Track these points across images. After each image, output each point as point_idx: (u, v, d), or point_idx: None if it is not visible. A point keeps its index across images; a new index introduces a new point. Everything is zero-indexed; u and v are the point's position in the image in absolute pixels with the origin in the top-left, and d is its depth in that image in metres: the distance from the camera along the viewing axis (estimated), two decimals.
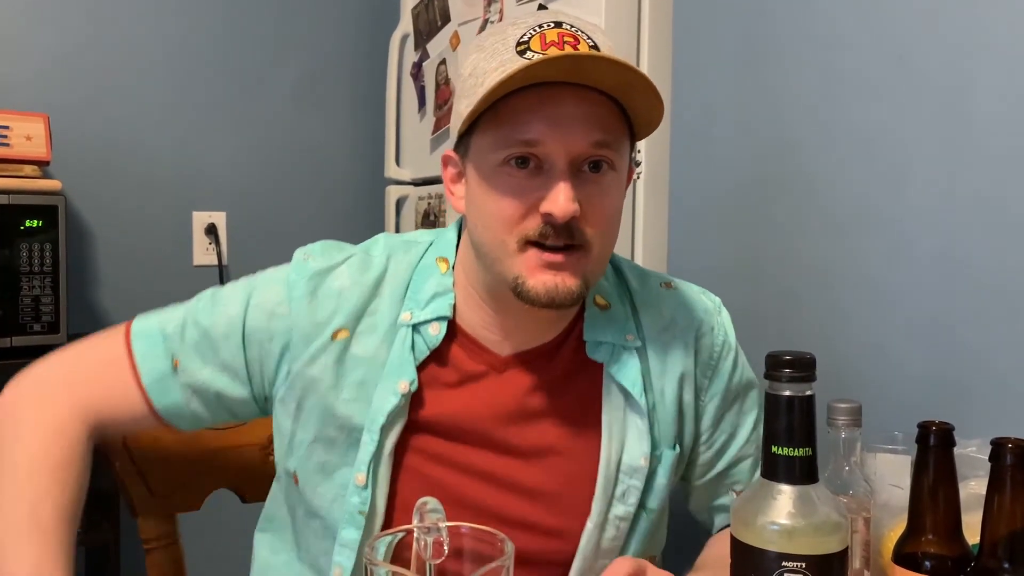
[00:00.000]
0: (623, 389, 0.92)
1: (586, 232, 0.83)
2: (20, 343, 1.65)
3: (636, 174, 1.62)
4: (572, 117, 0.81)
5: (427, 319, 0.90)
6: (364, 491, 0.88)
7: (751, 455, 1.01)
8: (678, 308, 0.98)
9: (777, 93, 1.46)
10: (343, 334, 0.90)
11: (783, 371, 0.66)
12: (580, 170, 0.83)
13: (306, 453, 0.92)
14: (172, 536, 1.14)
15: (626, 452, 0.91)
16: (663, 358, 0.94)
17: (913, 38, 1.25)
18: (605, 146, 0.83)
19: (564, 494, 0.92)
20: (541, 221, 0.82)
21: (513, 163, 0.82)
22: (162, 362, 0.93)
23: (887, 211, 1.29)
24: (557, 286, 0.83)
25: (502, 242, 0.84)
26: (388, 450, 0.88)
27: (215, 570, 1.33)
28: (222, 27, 2.22)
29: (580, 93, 0.81)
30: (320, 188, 2.38)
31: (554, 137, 0.81)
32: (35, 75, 1.99)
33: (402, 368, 0.88)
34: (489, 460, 0.91)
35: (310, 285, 0.91)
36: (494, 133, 0.83)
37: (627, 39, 1.62)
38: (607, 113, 0.83)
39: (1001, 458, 0.69)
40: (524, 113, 0.81)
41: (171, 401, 0.93)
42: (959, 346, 1.20)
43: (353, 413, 0.89)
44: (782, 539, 0.65)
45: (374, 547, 0.65)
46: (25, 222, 1.65)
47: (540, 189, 0.82)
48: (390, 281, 0.92)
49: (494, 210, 0.83)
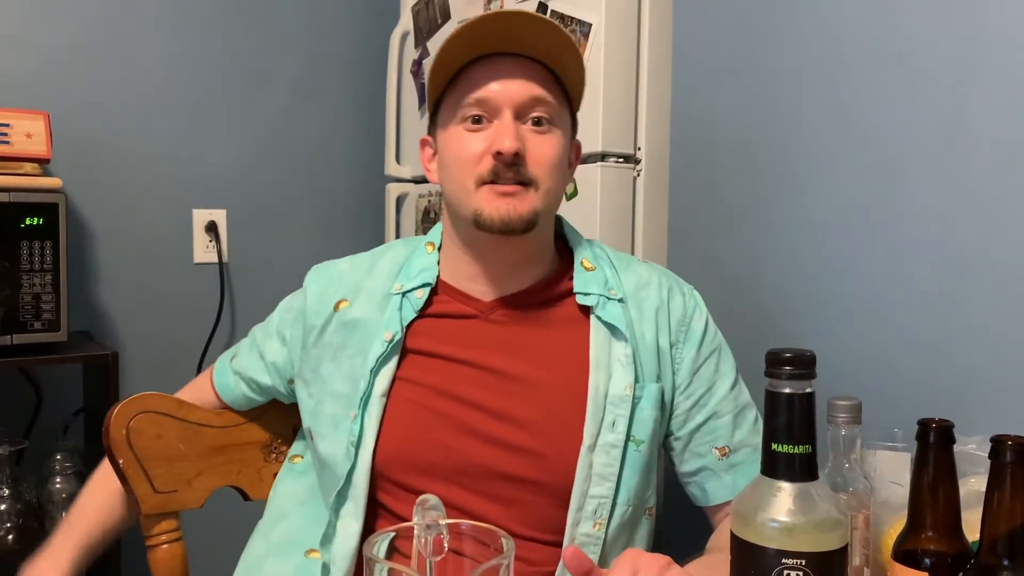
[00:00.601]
0: (609, 326, 1.03)
1: (532, 171, 0.99)
2: (20, 341, 1.65)
3: (636, 171, 1.63)
4: (512, 74, 0.99)
5: (414, 287, 1.06)
6: (354, 424, 1.01)
7: (729, 412, 1.06)
8: (652, 272, 1.11)
9: (777, 91, 1.46)
10: (344, 303, 1.08)
11: (783, 368, 0.66)
12: (524, 122, 0.99)
13: (318, 409, 1.07)
14: (174, 533, 1.14)
15: (612, 383, 1.00)
16: (641, 308, 1.06)
17: (913, 36, 1.25)
18: (543, 103, 1.00)
19: (555, 421, 1.00)
20: (492, 161, 0.97)
21: (469, 121, 1.00)
22: (225, 361, 1.21)
23: (887, 208, 1.29)
24: (509, 212, 0.98)
25: (463, 185, 1.00)
26: (379, 390, 1.01)
27: (217, 568, 1.33)
28: (222, 25, 2.22)
29: (519, 60, 1.00)
30: (320, 186, 2.38)
31: (498, 91, 0.98)
32: (35, 73, 1.98)
33: (390, 324, 1.04)
34: (480, 391, 1.01)
35: (316, 275, 1.13)
36: (454, 102, 1.01)
37: (627, 37, 1.62)
38: (544, 77, 1.01)
39: (1001, 455, 0.69)
40: (476, 76, 0.99)
41: (230, 393, 1.19)
42: (959, 343, 1.20)
43: (355, 365, 1.04)
44: (782, 536, 0.65)
45: (374, 544, 0.65)
46: (25, 220, 1.65)
47: (490, 137, 0.98)
48: (386, 264, 1.10)
49: (454, 159, 1.01)
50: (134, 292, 2.10)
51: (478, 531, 0.68)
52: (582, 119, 1.16)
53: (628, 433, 1.00)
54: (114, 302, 2.09)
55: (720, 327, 1.13)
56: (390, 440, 1.01)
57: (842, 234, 1.36)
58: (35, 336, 1.66)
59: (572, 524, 0.97)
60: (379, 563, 0.62)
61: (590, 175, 1.59)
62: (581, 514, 0.97)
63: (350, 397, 1.03)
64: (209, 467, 1.17)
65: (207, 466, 1.17)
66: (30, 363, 1.77)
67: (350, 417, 1.02)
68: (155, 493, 1.12)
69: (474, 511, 0.97)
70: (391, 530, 0.67)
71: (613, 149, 1.60)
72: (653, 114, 1.64)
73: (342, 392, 1.05)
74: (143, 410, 1.13)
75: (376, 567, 0.62)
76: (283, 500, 1.13)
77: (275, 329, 1.15)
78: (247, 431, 1.21)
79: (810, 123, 1.41)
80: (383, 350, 1.02)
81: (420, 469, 0.99)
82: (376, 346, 1.03)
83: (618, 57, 1.60)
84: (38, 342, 1.67)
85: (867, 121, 1.32)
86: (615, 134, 1.60)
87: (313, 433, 1.08)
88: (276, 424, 1.23)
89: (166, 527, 1.14)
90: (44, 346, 1.69)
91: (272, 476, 1.21)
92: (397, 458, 1.00)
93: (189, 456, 1.15)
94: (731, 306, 1.54)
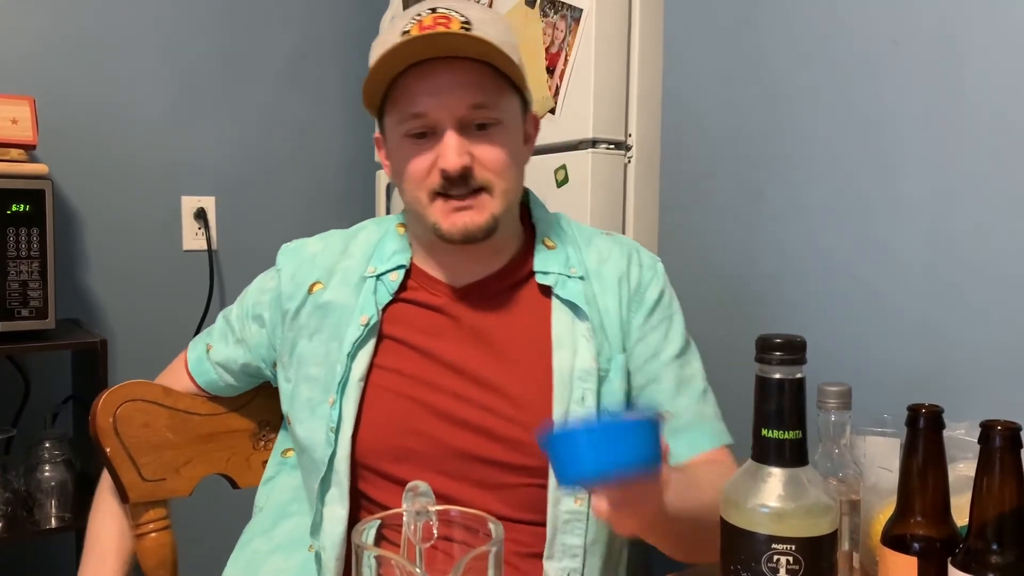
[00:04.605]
0: (570, 304, 1.03)
1: (484, 177, 0.98)
2: (8, 328, 1.64)
3: (627, 158, 1.62)
4: (449, 86, 0.96)
5: (387, 269, 1.06)
6: (333, 410, 1.01)
7: (672, 380, 1.05)
8: (613, 245, 1.10)
9: (769, 77, 1.46)
10: (318, 286, 1.08)
11: (773, 354, 0.66)
12: (469, 129, 0.97)
13: (295, 393, 1.06)
14: (163, 522, 1.14)
15: (578, 358, 1.00)
16: (602, 282, 1.06)
17: (907, 22, 1.25)
18: (484, 107, 0.97)
19: (526, 403, 1.00)
20: (440, 177, 0.97)
21: (413, 136, 0.98)
22: (200, 350, 1.17)
23: (878, 195, 1.29)
24: (467, 224, 0.98)
25: (417, 198, 1.00)
26: (357, 375, 1.01)
27: (206, 555, 1.33)
28: (210, 8, 2.20)
29: (454, 64, 0.96)
30: (310, 172, 2.37)
31: (436, 106, 0.96)
32: (21, 58, 1.96)
33: (365, 307, 1.04)
34: (454, 382, 1.01)
35: (288, 256, 1.12)
36: (395, 112, 1.00)
37: (618, 22, 1.61)
38: (483, 77, 0.97)
39: (990, 440, 0.69)
40: (411, 90, 0.97)
41: (208, 378, 1.16)
42: (948, 329, 1.20)
43: (330, 350, 1.04)
44: (772, 522, 0.65)
45: (362, 531, 0.64)
46: (12, 206, 1.63)
47: (435, 150, 0.97)
48: (360, 245, 1.10)
49: (406, 174, 1.00)
50: (123, 279, 2.09)
51: (467, 517, 0.68)
52: (572, 105, 1.17)
53: (598, 406, 1.00)
54: (102, 289, 2.08)
55: (710, 313, 1.14)
56: (370, 429, 1.01)
57: (833, 220, 1.36)
58: (23, 324, 1.65)
59: (553, 503, 0.97)
60: (367, 550, 0.62)
61: (581, 161, 1.58)
62: (560, 492, 0.97)
63: (327, 382, 1.03)
64: (197, 455, 1.17)
65: (195, 454, 1.16)
66: (18, 351, 1.77)
67: (328, 402, 1.02)
68: (143, 481, 1.12)
69: (456, 497, 0.97)
70: (377, 517, 0.67)
71: (604, 136, 1.59)
72: (644, 100, 1.64)
73: (318, 376, 1.04)
74: (130, 398, 1.12)
75: (364, 554, 0.62)
76: (281, 497, 1.12)
77: (251, 312, 1.14)
78: (235, 419, 1.20)
79: (802, 109, 1.41)
80: (359, 334, 1.02)
81: (400, 457, 1.00)
82: (352, 330, 1.03)
83: (609, 43, 1.59)
84: (26, 329, 1.66)
85: (859, 107, 1.31)
86: (606, 120, 1.60)
87: (291, 418, 1.07)
88: (264, 411, 1.22)
89: (154, 515, 1.13)
90: (32, 333, 1.67)
91: (261, 464, 1.20)
92: (377, 446, 1.00)
93: (177, 444, 1.15)
94: (721, 292, 1.54)
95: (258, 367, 1.14)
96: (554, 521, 0.97)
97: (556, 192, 1.63)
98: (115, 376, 1.89)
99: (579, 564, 0.97)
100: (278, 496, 1.12)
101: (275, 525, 1.09)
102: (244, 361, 1.14)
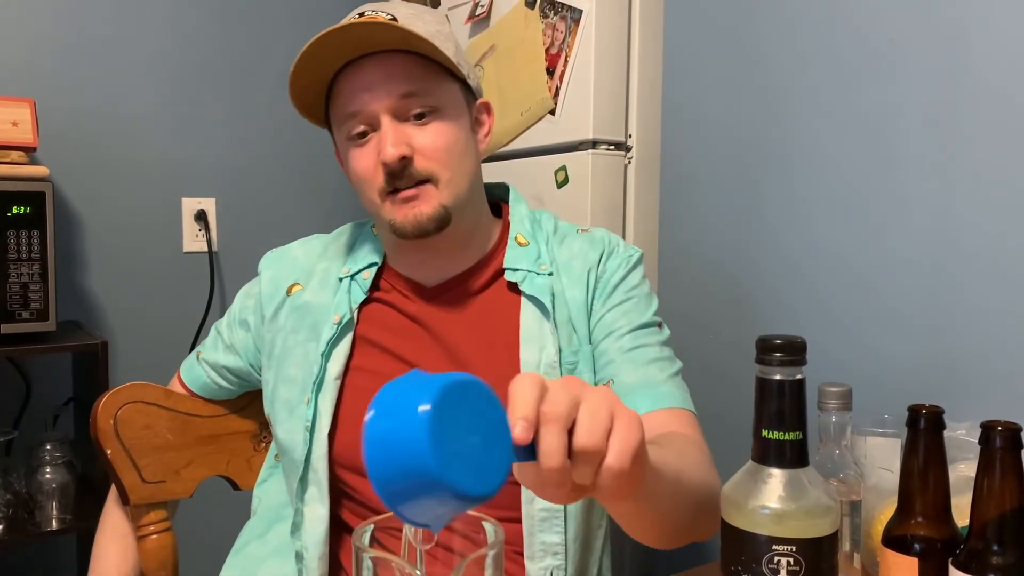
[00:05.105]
0: (536, 301, 1.02)
1: (425, 167, 0.97)
2: (8, 331, 1.64)
3: (627, 159, 1.62)
4: (377, 81, 0.96)
5: (360, 268, 1.07)
6: (308, 409, 1.02)
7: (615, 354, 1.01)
8: (587, 240, 1.09)
9: (768, 77, 1.46)
10: (297, 287, 1.10)
11: (774, 355, 0.65)
12: (407, 121, 0.97)
13: (275, 394, 1.07)
14: (164, 524, 1.14)
15: (544, 353, 1.00)
16: (571, 275, 1.05)
17: (905, 20, 1.25)
18: (415, 95, 0.96)
19: None
20: (384, 172, 0.96)
21: (356, 137, 0.99)
22: (191, 359, 1.20)
23: (877, 195, 1.29)
24: (417, 216, 0.97)
25: (371, 200, 1.00)
26: (332, 375, 1.02)
27: (207, 557, 1.33)
28: (211, 12, 2.20)
29: (383, 58, 0.97)
30: (310, 174, 2.37)
31: (366, 101, 0.96)
32: (21, 60, 1.96)
33: (339, 306, 1.05)
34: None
35: (269, 261, 1.14)
36: (336, 118, 1.02)
37: (618, 23, 1.61)
38: (412, 67, 0.97)
39: (991, 441, 0.69)
40: (344, 91, 0.98)
41: (201, 382, 1.18)
42: (949, 330, 1.20)
43: (308, 351, 1.05)
44: (772, 523, 0.65)
45: (362, 533, 0.64)
46: (12, 209, 1.63)
47: (376, 147, 0.97)
48: (336, 246, 1.13)
49: (355, 176, 1.01)
50: (123, 281, 2.09)
51: (465, 519, 0.68)
52: (572, 106, 1.16)
53: None
54: (103, 291, 2.08)
55: (710, 313, 1.13)
56: (347, 428, 1.01)
57: (833, 221, 1.36)
58: (24, 326, 1.65)
59: (527, 501, 0.96)
60: (367, 552, 0.62)
61: (581, 162, 1.58)
62: None
63: (304, 382, 1.04)
64: (198, 457, 1.17)
65: (196, 456, 1.17)
66: (19, 353, 1.77)
67: (304, 402, 1.03)
68: (144, 483, 1.12)
69: None
70: (371, 522, 0.67)
71: (604, 136, 1.59)
72: (644, 101, 1.64)
73: (295, 377, 1.05)
74: (131, 400, 1.12)
75: (364, 557, 0.62)
76: (274, 500, 1.12)
77: (237, 318, 1.16)
78: (236, 421, 1.20)
79: (802, 109, 1.40)
80: (333, 333, 1.03)
81: None
82: (326, 330, 1.03)
83: (609, 43, 1.59)
84: (27, 332, 1.66)
85: (858, 107, 1.31)
86: (606, 121, 1.60)
87: (272, 419, 1.08)
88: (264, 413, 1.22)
89: (155, 517, 1.13)
90: (33, 336, 1.67)
91: (260, 466, 1.20)
92: (354, 445, 0.99)
93: (178, 446, 1.15)
94: (721, 292, 1.54)
95: (248, 371, 1.15)
96: (530, 520, 0.96)
97: (556, 193, 1.63)
98: (116, 378, 1.89)
99: (561, 561, 0.96)
100: (271, 499, 1.12)
101: (269, 529, 1.09)
102: (235, 366, 1.15)
